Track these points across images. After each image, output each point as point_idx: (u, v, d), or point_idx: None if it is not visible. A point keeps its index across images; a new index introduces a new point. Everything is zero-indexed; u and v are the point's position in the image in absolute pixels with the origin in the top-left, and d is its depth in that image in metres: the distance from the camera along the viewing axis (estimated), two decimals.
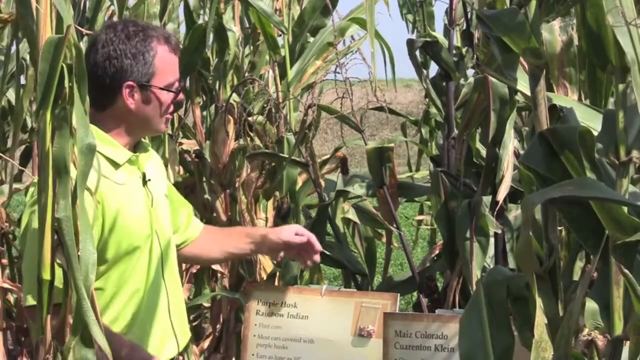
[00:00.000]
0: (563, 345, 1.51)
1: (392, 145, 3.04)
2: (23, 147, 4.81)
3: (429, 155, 3.57)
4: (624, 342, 1.53)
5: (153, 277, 2.43)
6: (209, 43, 4.14)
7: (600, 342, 1.57)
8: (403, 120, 5.34)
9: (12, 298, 4.36)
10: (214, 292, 4.21)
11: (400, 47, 3.27)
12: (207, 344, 4.35)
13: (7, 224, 4.27)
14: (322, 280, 3.85)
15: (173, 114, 2.66)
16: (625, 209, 1.52)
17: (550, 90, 1.78)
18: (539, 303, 1.55)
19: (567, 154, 1.61)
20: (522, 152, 2.76)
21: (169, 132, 4.09)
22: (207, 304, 4.30)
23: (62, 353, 1.61)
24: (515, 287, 1.69)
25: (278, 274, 3.54)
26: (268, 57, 4.03)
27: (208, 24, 3.57)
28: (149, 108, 2.42)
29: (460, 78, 3.15)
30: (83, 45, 3.87)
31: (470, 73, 3.21)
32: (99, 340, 1.55)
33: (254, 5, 3.60)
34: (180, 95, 2.51)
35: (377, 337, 2.53)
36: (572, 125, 1.69)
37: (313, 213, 3.63)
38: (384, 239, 4.39)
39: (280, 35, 3.89)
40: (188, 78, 4.04)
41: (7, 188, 4.13)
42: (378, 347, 2.46)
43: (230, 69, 4.10)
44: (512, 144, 2.65)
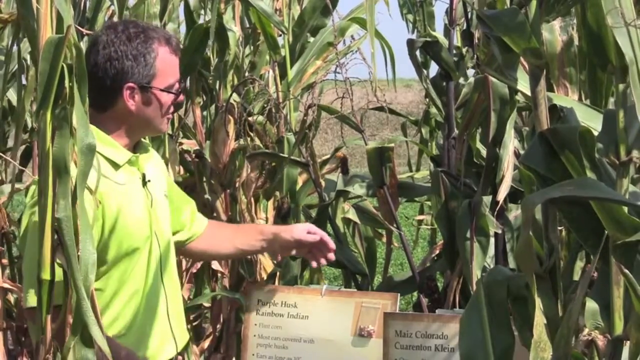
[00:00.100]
0: (563, 346, 1.51)
1: (392, 145, 3.04)
2: (23, 147, 4.80)
3: (429, 155, 3.57)
4: (624, 342, 1.53)
5: (152, 278, 2.43)
6: (210, 43, 4.14)
7: (601, 342, 1.57)
8: (403, 120, 5.34)
9: (12, 298, 4.35)
10: (214, 292, 4.21)
11: (401, 47, 3.27)
12: (207, 344, 4.35)
13: (7, 224, 4.26)
14: (322, 280, 3.85)
15: (173, 114, 2.66)
16: (626, 209, 1.52)
17: (551, 90, 1.78)
18: (539, 303, 1.55)
19: (567, 154, 1.61)
20: (522, 152, 2.76)
21: (169, 132, 4.08)
22: (207, 304, 4.30)
23: (62, 353, 1.61)
24: (516, 287, 1.69)
25: (278, 274, 3.54)
26: (268, 57, 4.02)
27: (211, 24, 3.57)
28: (150, 109, 2.41)
29: (460, 78, 3.15)
30: (83, 46, 3.87)
31: (471, 73, 3.21)
32: (99, 341, 1.55)
33: (254, 5, 3.60)
34: (181, 96, 2.51)
35: (377, 337, 2.53)
36: (572, 125, 1.69)
37: (313, 213, 3.63)
38: (384, 239, 4.38)
39: (281, 35, 3.89)
40: (188, 78, 4.04)
41: (7, 188, 4.13)
42: (378, 347, 2.46)
43: (231, 69, 4.10)
44: (512, 144, 2.65)
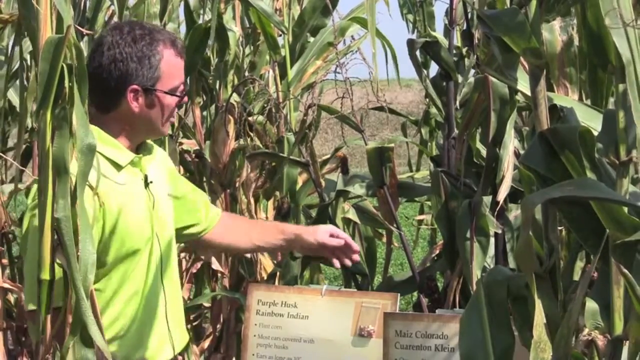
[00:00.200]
0: (563, 346, 1.51)
1: (392, 145, 3.03)
2: (23, 147, 4.80)
3: (429, 156, 3.57)
4: (624, 342, 1.53)
5: (152, 279, 2.43)
6: (210, 43, 4.14)
7: (600, 342, 1.57)
8: (403, 120, 5.34)
9: (12, 298, 4.35)
10: (214, 292, 4.21)
11: (401, 47, 3.27)
12: (207, 344, 4.35)
13: (7, 224, 4.26)
14: (322, 280, 3.85)
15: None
16: (626, 209, 1.52)
17: (551, 90, 1.78)
18: (539, 303, 1.55)
19: (567, 154, 1.61)
20: (522, 152, 2.76)
21: (169, 132, 4.08)
22: (207, 304, 4.30)
23: (61, 353, 1.61)
24: (516, 287, 1.69)
25: (278, 274, 3.53)
26: (268, 57, 4.03)
27: (211, 24, 3.57)
28: (153, 112, 2.41)
29: (460, 78, 3.14)
30: (83, 46, 3.88)
31: (471, 73, 3.21)
32: (98, 341, 1.55)
33: (254, 5, 3.60)
34: (185, 98, 2.51)
35: (377, 337, 2.53)
36: (572, 125, 1.68)
37: (313, 213, 3.62)
38: (384, 239, 4.38)
39: (281, 35, 3.89)
40: (188, 78, 4.04)
41: (7, 188, 4.13)
42: (378, 347, 2.45)
43: (231, 69, 4.10)
44: (512, 144, 2.65)
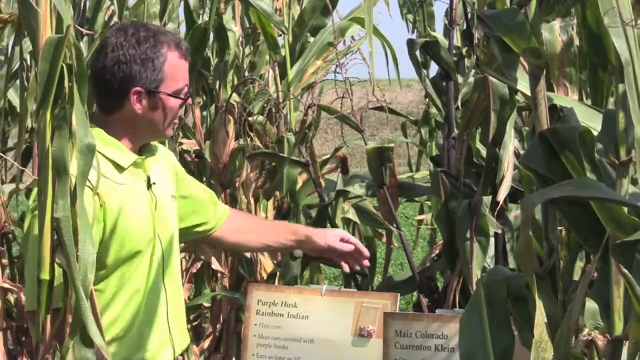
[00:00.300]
0: (563, 346, 1.51)
1: (392, 145, 3.03)
2: (23, 147, 4.80)
3: (429, 156, 3.57)
4: (624, 342, 1.53)
5: (153, 280, 2.42)
6: (209, 43, 4.14)
7: (600, 342, 1.57)
8: (403, 120, 5.34)
9: (12, 298, 4.35)
10: (214, 292, 4.21)
11: (401, 47, 3.26)
12: (207, 344, 4.35)
13: (7, 224, 4.26)
14: (322, 280, 3.85)
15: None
16: (625, 209, 1.52)
17: (551, 90, 1.78)
18: (539, 303, 1.55)
19: (567, 154, 1.61)
20: (522, 152, 2.76)
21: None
22: (207, 304, 4.30)
23: (61, 353, 1.61)
24: (515, 287, 1.69)
25: (278, 274, 3.53)
26: (268, 57, 4.02)
27: (209, 24, 3.57)
28: (156, 114, 2.41)
29: (460, 78, 3.14)
30: (83, 46, 3.88)
31: (471, 73, 3.21)
32: (97, 341, 1.55)
33: (254, 5, 3.60)
34: (189, 100, 2.51)
35: (377, 337, 2.52)
36: (572, 125, 1.69)
37: (313, 213, 3.62)
38: (384, 239, 4.38)
39: (281, 35, 3.89)
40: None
41: (7, 188, 4.12)
42: (378, 347, 2.45)
43: (230, 69, 4.10)
44: (512, 144, 2.65)
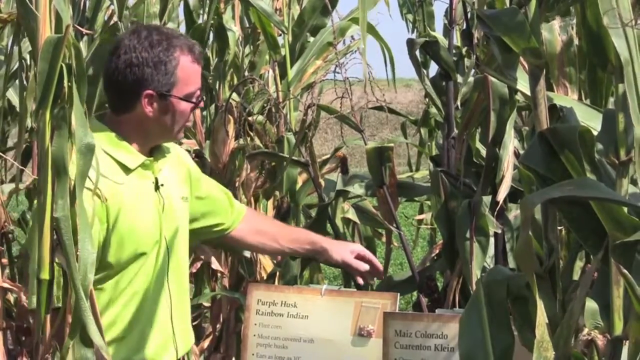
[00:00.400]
0: (562, 345, 1.51)
1: (391, 145, 3.03)
2: (23, 146, 4.79)
3: (429, 155, 3.56)
4: (624, 341, 1.53)
5: (158, 282, 2.42)
6: (209, 43, 4.14)
7: (600, 341, 1.57)
8: (403, 120, 5.34)
9: (12, 298, 4.35)
10: (214, 291, 4.21)
11: (401, 46, 3.26)
12: (207, 344, 4.34)
13: (7, 224, 4.26)
14: (322, 280, 3.84)
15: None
16: (625, 209, 1.51)
17: (550, 90, 1.78)
18: (540, 303, 1.55)
19: (567, 154, 1.61)
20: (522, 151, 2.76)
21: None
22: (207, 304, 4.29)
23: (61, 353, 1.61)
24: (515, 286, 1.69)
25: (278, 274, 3.53)
26: (268, 56, 4.02)
27: (207, 24, 3.57)
28: (167, 117, 2.41)
29: (460, 78, 3.14)
30: (83, 45, 3.88)
31: (471, 73, 3.20)
32: (97, 340, 1.55)
33: (254, 5, 3.60)
34: (200, 104, 2.51)
35: (377, 336, 2.52)
36: (572, 125, 1.68)
37: (313, 213, 3.62)
38: (384, 239, 4.38)
39: (281, 35, 3.89)
40: None
41: (7, 188, 4.12)
42: (378, 346, 2.45)
43: (230, 69, 4.09)
44: (512, 144, 2.65)
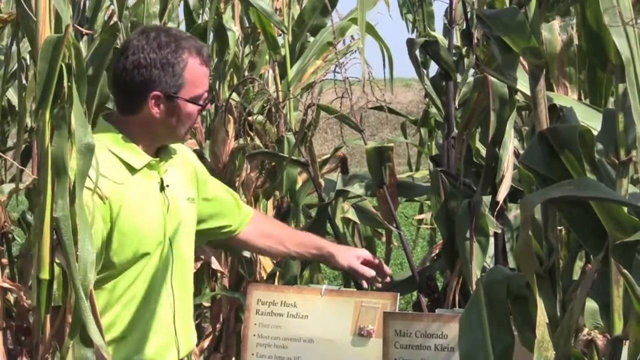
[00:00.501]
0: (562, 345, 1.51)
1: (391, 145, 3.03)
2: (23, 146, 4.79)
3: (429, 155, 3.56)
4: (624, 341, 1.53)
5: (161, 282, 2.42)
6: (209, 42, 4.13)
7: (600, 341, 1.57)
8: (403, 120, 5.34)
9: (12, 298, 4.35)
10: (214, 291, 4.21)
11: (400, 46, 3.26)
12: (207, 344, 4.34)
13: (6, 224, 4.26)
14: (321, 280, 3.85)
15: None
16: (625, 209, 1.51)
17: (550, 90, 1.78)
18: (541, 303, 1.55)
19: (567, 154, 1.61)
20: (522, 151, 2.76)
21: None
22: (207, 304, 4.29)
23: (61, 352, 1.61)
24: (515, 286, 1.69)
25: (278, 274, 3.54)
26: (268, 56, 4.02)
27: (208, 24, 3.57)
28: (174, 119, 2.40)
29: (460, 77, 3.14)
30: (83, 45, 3.87)
31: (470, 73, 3.21)
32: (96, 340, 1.55)
33: (254, 5, 3.60)
34: (207, 106, 2.50)
35: (376, 336, 2.52)
36: (572, 125, 1.68)
37: (313, 212, 3.62)
38: (384, 239, 4.38)
39: (280, 35, 3.89)
40: None
41: (7, 188, 4.12)
42: (378, 346, 2.45)
43: (230, 69, 4.09)
44: (512, 144, 2.65)
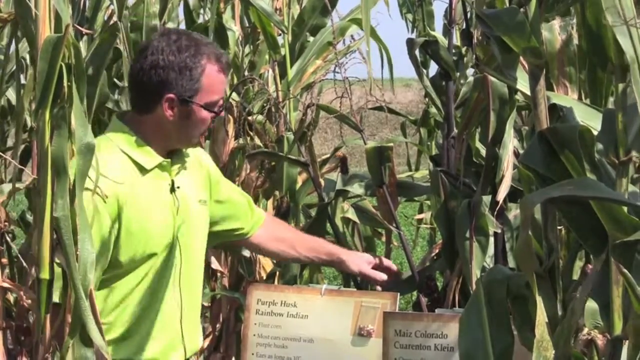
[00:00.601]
0: (562, 345, 1.51)
1: (391, 145, 3.03)
2: (22, 146, 4.80)
3: (429, 155, 3.56)
4: (624, 341, 1.53)
5: (168, 283, 2.42)
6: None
7: (600, 341, 1.57)
8: (403, 120, 5.34)
9: (12, 298, 4.35)
10: (214, 291, 4.21)
11: (400, 46, 3.26)
12: (207, 344, 4.34)
13: (6, 224, 4.25)
14: (321, 280, 3.85)
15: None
16: (625, 209, 1.51)
17: (550, 90, 1.78)
18: (540, 302, 1.55)
19: (567, 154, 1.61)
20: (521, 151, 2.75)
21: None
22: (207, 304, 4.29)
23: (61, 352, 1.61)
24: (515, 286, 1.69)
25: (278, 274, 3.54)
26: (268, 56, 4.02)
27: (210, 24, 3.57)
28: (187, 123, 2.40)
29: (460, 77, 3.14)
30: (83, 45, 3.87)
31: (470, 72, 3.21)
32: (96, 340, 1.55)
33: (254, 5, 3.60)
34: (221, 113, 2.50)
35: (376, 336, 2.52)
36: (572, 125, 1.68)
37: (313, 212, 3.62)
38: (384, 239, 4.37)
39: (280, 35, 3.89)
40: None
41: (6, 187, 4.12)
42: (378, 346, 2.45)
43: (230, 68, 4.08)
44: (512, 144, 2.65)
